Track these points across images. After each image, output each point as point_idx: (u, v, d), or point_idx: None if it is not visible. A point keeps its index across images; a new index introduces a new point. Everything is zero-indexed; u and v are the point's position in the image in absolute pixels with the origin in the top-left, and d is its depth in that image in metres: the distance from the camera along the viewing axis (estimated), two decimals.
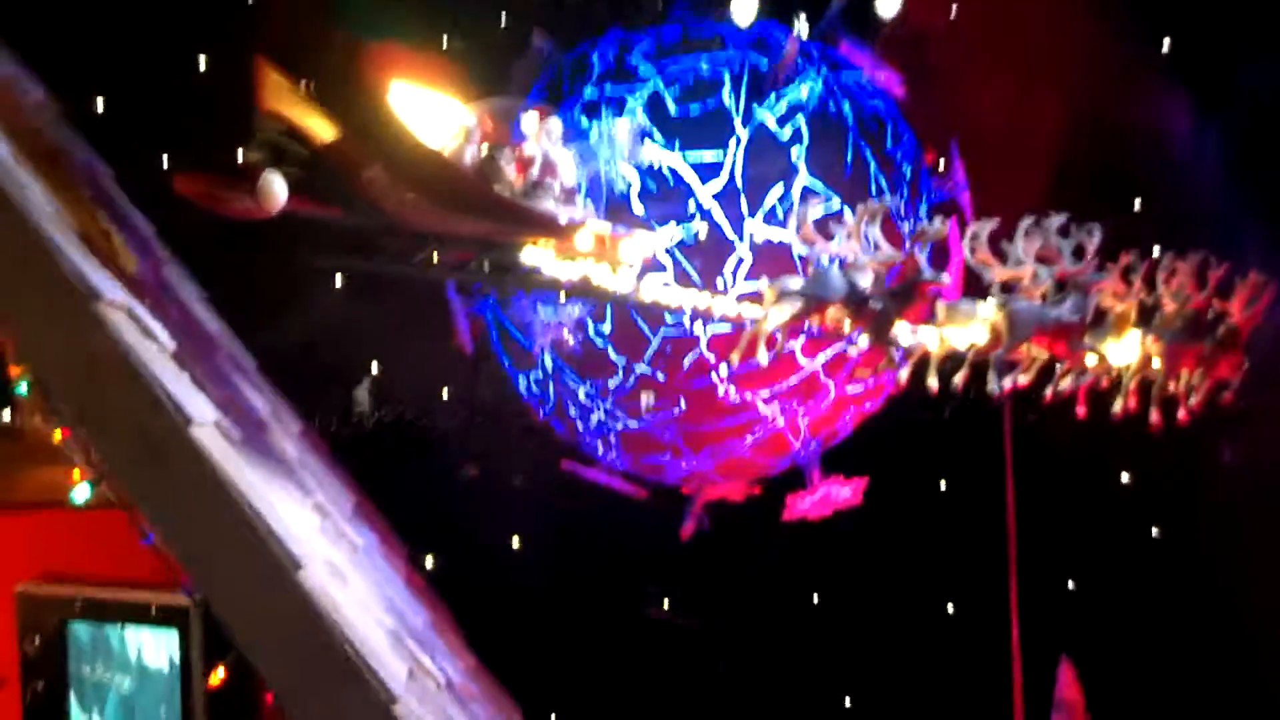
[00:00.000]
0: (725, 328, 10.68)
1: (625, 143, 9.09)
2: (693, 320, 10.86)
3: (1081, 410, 8.69)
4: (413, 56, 7.68)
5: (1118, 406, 8.61)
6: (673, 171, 11.04)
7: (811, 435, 11.64)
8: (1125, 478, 13.52)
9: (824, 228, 7.91)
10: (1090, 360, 8.39)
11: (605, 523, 12.96)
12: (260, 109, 7.23)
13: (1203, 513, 12.87)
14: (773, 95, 11.14)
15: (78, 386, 5.51)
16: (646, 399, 11.33)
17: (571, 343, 11.48)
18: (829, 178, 11.13)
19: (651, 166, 10.85)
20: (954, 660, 13.25)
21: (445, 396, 14.79)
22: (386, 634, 6.59)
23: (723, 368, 11.19)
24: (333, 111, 7.12)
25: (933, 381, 7.91)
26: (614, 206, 10.36)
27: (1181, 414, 9.03)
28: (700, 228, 10.98)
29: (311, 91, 7.17)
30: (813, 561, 13.57)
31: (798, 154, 11.13)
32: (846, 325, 7.62)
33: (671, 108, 11.22)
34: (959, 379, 7.85)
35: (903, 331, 7.72)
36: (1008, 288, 8.26)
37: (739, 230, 10.95)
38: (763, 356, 7.63)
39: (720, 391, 11.32)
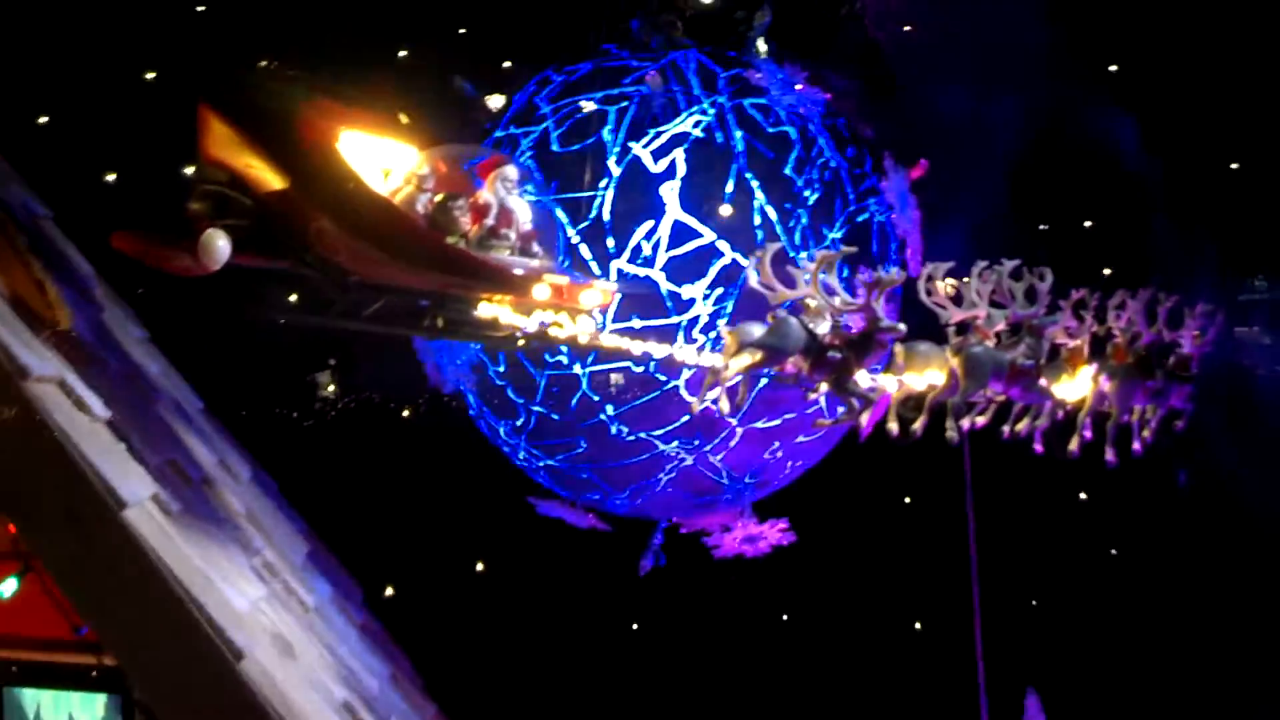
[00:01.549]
0: (603, 366, 10.59)
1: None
2: (571, 360, 10.61)
3: (1039, 448, 8.46)
4: (363, 103, 7.24)
5: (1073, 444, 8.37)
6: (548, 208, 10.61)
7: (735, 471, 11.26)
8: (1083, 497, 13.31)
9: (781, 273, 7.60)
10: (1045, 402, 8.17)
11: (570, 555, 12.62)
12: (202, 156, 6.87)
13: (1160, 534, 12.71)
14: (651, 130, 10.82)
15: (5, 471, 5.17)
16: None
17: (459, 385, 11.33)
18: (704, 211, 10.75)
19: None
20: (920, 691, 13.00)
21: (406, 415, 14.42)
22: (338, 714, 6.28)
23: (609, 408, 10.90)
24: (279, 159, 6.77)
25: (893, 425, 7.62)
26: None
27: (1136, 446, 8.83)
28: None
29: (257, 138, 6.79)
30: (779, 588, 13.26)
31: (670, 189, 10.61)
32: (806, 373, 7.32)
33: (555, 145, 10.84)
34: (918, 424, 7.57)
35: (861, 378, 7.42)
36: (962, 328, 8.00)
37: (605, 270, 10.36)
38: (724, 405, 7.33)
39: (612, 430, 11.03)
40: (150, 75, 12.48)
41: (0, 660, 7.49)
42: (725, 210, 10.62)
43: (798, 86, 11.36)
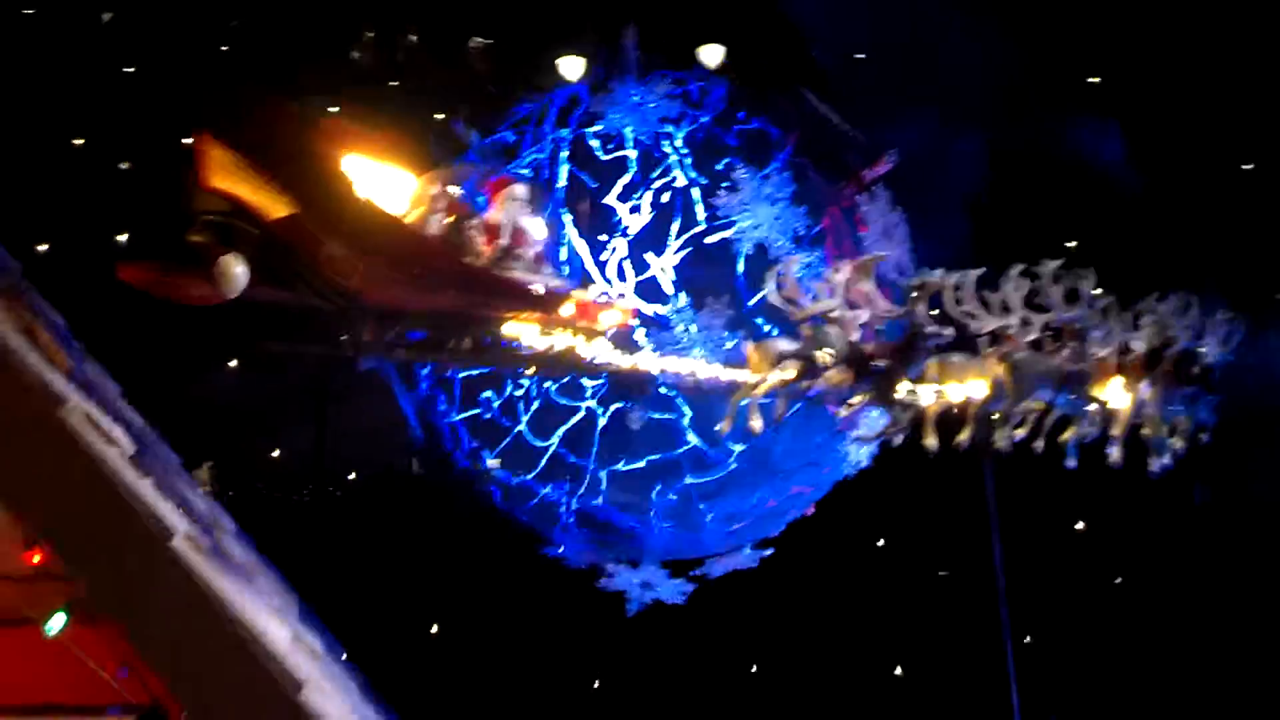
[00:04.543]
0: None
1: None
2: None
3: (1072, 463, 8.45)
4: (364, 129, 7.23)
5: (1116, 455, 8.37)
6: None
7: (628, 513, 11.38)
8: (1088, 523, 13.37)
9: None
10: (1090, 409, 8.18)
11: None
12: (201, 186, 6.82)
13: (1178, 555, 12.79)
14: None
15: (47, 503, 5.10)
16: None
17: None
18: None
19: None
20: None
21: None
22: None
23: (486, 455, 11.10)
24: (284, 183, 6.74)
25: (931, 440, 7.62)
26: None
27: (1166, 459, 8.82)
28: None
29: (261, 163, 6.77)
30: (789, 620, 13.19)
31: None
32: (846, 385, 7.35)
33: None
34: (964, 435, 7.59)
35: (902, 388, 7.45)
36: (994, 338, 8.02)
37: None
38: (757, 424, 7.33)
39: (499, 475, 11.26)
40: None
41: None
42: None
43: (651, 104, 11.49)
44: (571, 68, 11.84)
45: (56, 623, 5.70)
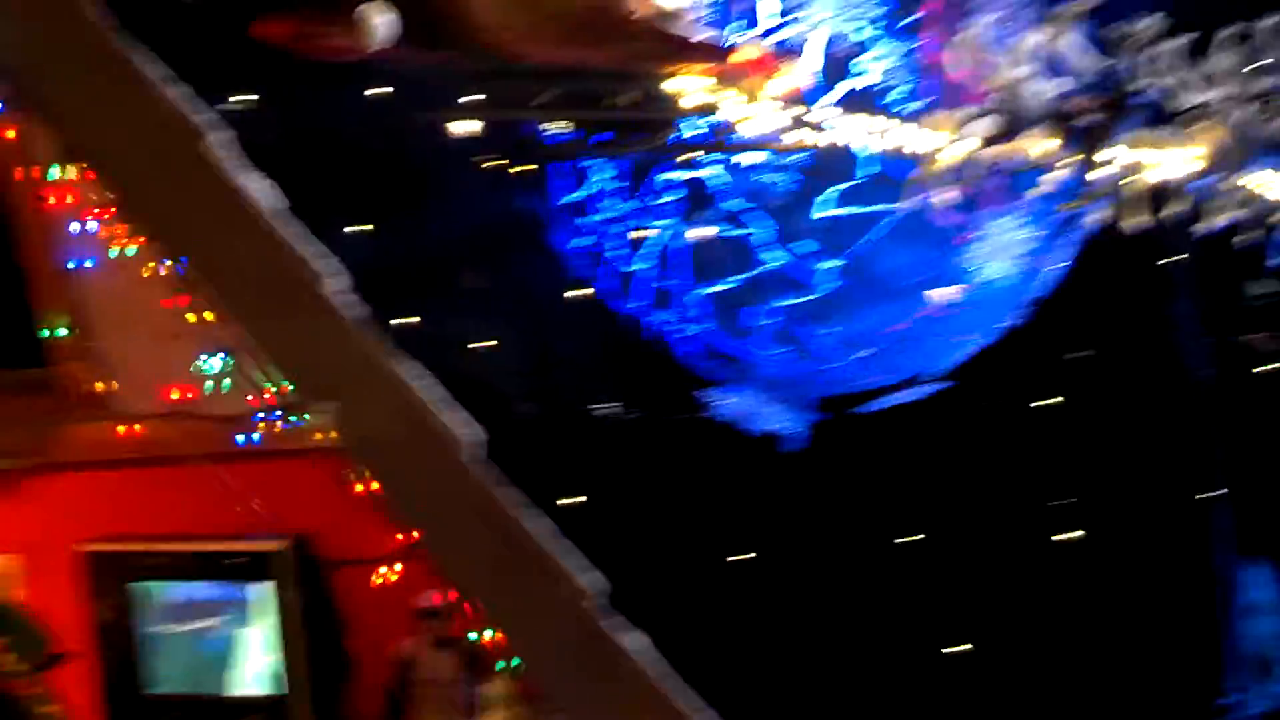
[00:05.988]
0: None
1: None
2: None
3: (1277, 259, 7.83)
4: None
5: None
6: None
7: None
8: None
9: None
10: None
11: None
12: None
13: None
14: None
15: (195, 235, 4.74)
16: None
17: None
18: None
19: None
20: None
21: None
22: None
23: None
24: None
25: (1135, 219, 6.98)
26: None
27: None
28: None
29: None
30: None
31: None
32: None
33: None
34: (1172, 210, 6.95)
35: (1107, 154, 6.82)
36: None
37: None
38: (949, 193, 6.80)
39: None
40: None
41: (134, 554, 7.14)
42: None
43: None
44: None
45: (216, 361, 5.42)
